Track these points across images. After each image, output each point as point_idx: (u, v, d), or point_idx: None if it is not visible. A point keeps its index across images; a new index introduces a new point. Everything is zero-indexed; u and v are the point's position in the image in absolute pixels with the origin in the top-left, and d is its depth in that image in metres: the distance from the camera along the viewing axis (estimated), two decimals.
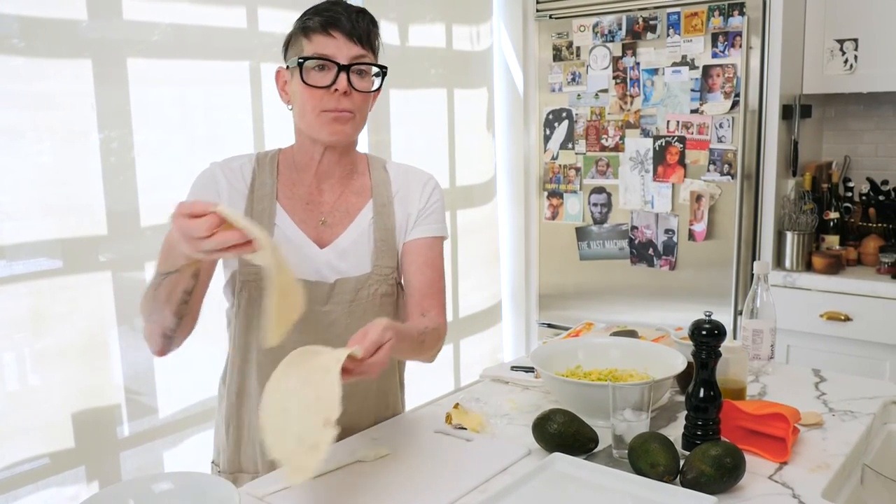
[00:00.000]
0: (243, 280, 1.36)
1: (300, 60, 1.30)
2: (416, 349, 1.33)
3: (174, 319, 1.22)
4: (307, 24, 1.32)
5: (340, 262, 1.39)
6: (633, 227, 2.95)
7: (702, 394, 1.25)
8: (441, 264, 1.48)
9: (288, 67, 1.37)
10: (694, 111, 2.75)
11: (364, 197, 1.44)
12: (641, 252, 2.95)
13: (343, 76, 1.30)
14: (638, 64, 2.86)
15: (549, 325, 3.27)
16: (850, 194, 2.90)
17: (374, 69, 1.36)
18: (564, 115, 3.07)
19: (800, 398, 1.50)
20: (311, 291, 1.32)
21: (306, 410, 1.06)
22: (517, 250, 3.38)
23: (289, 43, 1.38)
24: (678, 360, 1.46)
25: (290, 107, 1.39)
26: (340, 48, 1.30)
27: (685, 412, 1.29)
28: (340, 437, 1.32)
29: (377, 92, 1.40)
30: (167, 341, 1.26)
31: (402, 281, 1.47)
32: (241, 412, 1.43)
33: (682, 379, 1.52)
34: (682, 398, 1.51)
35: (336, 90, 1.30)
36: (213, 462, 1.52)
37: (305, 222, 1.39)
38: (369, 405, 1.48)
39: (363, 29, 1.32)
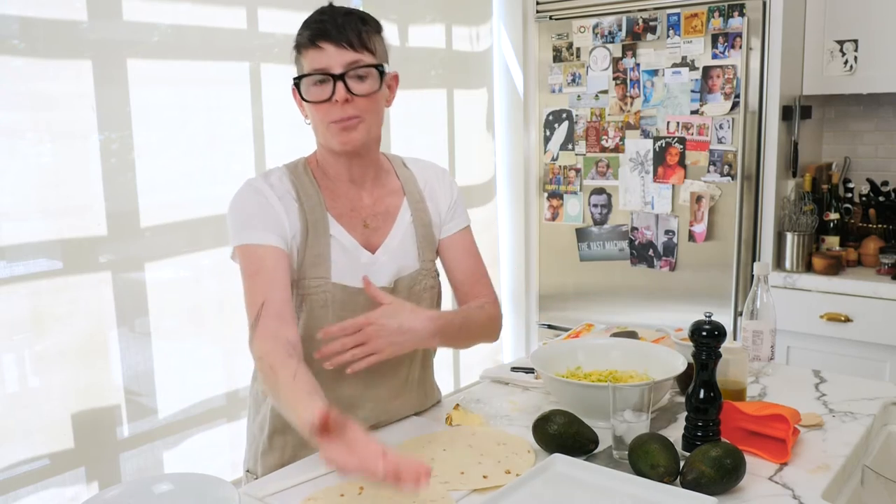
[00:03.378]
0: (303, 294, 1.36)
1: (295, 81, 1.31)
2: (464, 329, 1.42)
3: None
4: (299, 41, 1.32)
5: (392, 263, 1.41)
6: (634, 228, 2.95)
7: (702, 395, 1.25)
8: (476, 248, 1.56)
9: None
10: (694, 112, 2.75)
11: (398, 196, 1.46)
12: (641, 253, 2.95)
13: (340, 86, 1.28)
14: (638, 65, 2.86)
15: (549, 326, 3.27)
16: (850, 195, 2.90)
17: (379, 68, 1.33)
18: (564, 115, 3.07)
19: (800, 399, 1.50)
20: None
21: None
22: (517, 251, 3.38)
23: (295, 59, 1.37)
24: (678, 361, 1.46)
25: (308, 121, 1.38)
26: (332, 58, 1.28)
27: (685, 413, 1.29)
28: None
29: (390, 89, 1.39)
30: None
31: (446, 274, 1.54)
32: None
33: (683, 380, 1.52)
34: (682, 399, 1.51)
35: (336, 101, 1.29)
36: (247, 471, 1.50)
37: (354, 228, 1.40)
38: (412, 398, 1.51)
39: (352, 32, 1.29)
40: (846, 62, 2.73)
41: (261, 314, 1.26)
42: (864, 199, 2.87)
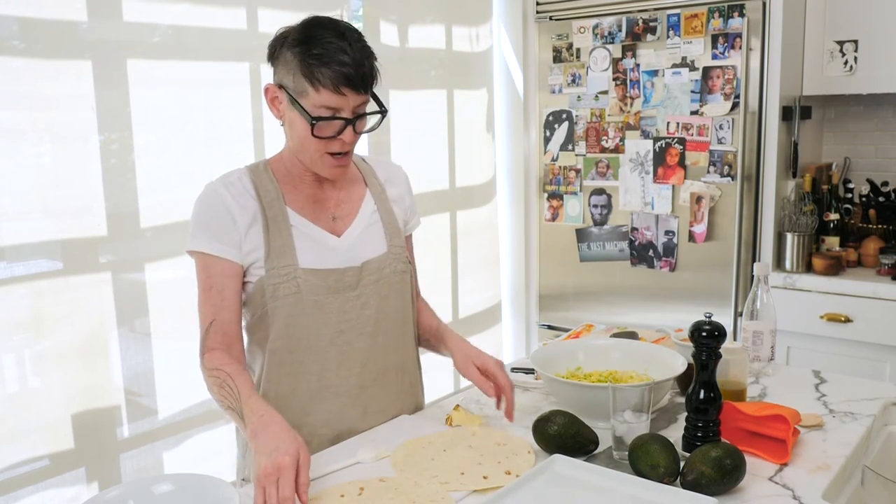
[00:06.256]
0: (276, 283, 1.36)
1: (313, 121, 1.30)
2: None
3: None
4: (316, 76, 1.27)
5: (360, 247, 1.44)
6: (634, 229, 2.95)
7: (702, 395, 1.25)
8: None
9: (281, 87, 1.33)
10: (694, 113, 2.75)
11: (360, 185, 1.51)
12: (641, 253, 2.95)
13: (350, 129, 1.32)
14: (638, 65, 2.86)
15: (550, 327, 3.27)
16: (850, 195, 2.90)
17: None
18: (564, 116, 3.07)
19: (800, 400, 1.50)
20: (341, 278, 1.40)
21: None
22: (517, 251, 3.38)
23: (275, 58, 1.33)
24: (678, 361, 1.46)
25: (281, 123, 1.39)
26: (348, 102, 1.30)
27: (685, 414, 1.29)
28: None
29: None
30: None
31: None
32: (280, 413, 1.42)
33: (683, 380, 1.52)
34: (682, 400, 1.51)
35: (341, 140, 1.33)
36: (243, 480, 1.49)
37: (318, 219, 1.43)
38: (401, 399, 1.52)
39: (368, 77, 1.31)
40: (846, 62, 2.73)
41: (210, 331, 1.37)
42: (864, 199, 2.87)
